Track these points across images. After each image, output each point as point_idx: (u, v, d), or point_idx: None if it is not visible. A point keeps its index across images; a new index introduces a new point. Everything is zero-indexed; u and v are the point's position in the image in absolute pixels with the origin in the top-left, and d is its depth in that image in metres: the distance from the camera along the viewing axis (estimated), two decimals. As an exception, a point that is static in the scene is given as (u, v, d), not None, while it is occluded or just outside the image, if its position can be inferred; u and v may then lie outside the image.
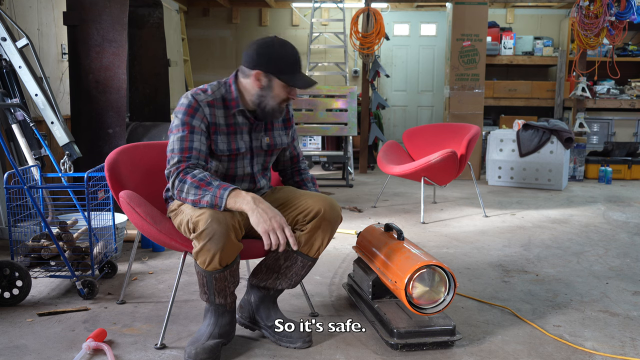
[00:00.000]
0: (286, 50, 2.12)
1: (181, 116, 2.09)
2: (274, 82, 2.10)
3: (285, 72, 2.10)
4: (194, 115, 2.09)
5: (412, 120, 8.63)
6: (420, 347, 2.19)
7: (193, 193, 1.98)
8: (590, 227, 4.25)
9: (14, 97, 3.64)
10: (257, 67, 2.10)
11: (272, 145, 2.28)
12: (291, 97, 2.16)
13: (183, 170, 2.02)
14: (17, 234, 2.91)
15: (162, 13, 5.27)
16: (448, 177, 4.51)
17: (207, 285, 2.06)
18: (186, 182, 2.00)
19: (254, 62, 2.10)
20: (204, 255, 1.97)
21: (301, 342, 2.20)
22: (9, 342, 2.23)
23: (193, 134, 2.07)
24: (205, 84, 2.20)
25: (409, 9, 8.35)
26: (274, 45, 2.10)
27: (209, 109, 2.11)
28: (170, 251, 3.50)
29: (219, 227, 1.93)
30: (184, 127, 2.07)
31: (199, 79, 8.40)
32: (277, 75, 2.09)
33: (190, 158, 2.05)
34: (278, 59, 2.09)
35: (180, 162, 2.04)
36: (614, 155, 6.61)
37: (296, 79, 2.12)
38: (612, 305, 2.70)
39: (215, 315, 2.14)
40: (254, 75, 2.11)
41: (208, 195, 1.96)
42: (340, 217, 2.22)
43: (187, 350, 2.06)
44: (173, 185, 2.03)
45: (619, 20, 6.20)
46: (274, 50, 2.09)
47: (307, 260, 2.21)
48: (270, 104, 2.14)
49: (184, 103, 2.11)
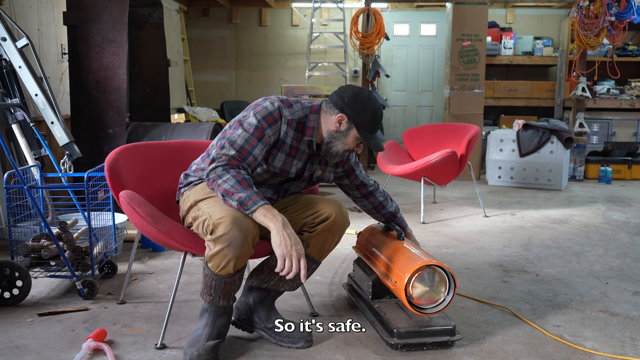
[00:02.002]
0: (375, 109, 2.16)
1: (260, 118, 2.08)
2: (352, 131, 2.15)
3: (366, 127, 2.15)
4: (271, 125, 2.09)
5: (412, 120, 8.64)
6: (420, 347, 2.19)
7: (231, 185, 1.95)
8: (590, 227, 4.25)
9: (14, 97, 3.64)
10: (344, 112, 2.13)
11: (321, 178, 2.32)
12: (357, 150, 2.22)
13: (233, 165, 2.01)
14: (17, 234, 2.91)
15: (162, 13, 5.27)
16: (448, 177, 4.51)
17: (215, 288, 2.06)
18: (229, 173, 1.97)
19: (344, 106, 2.13)
20: (219, 260, 1.97)
21: (303, 342, 2.20)
22: (9, 342, 2.23)
23: (260, 142, 2.06)
24: (290, 97, 2.24)
25: (409, 9, 8.35)
26: (368, 100, 2.15)
27: (286, 127, 2.13)
28: (170, 251, 3.50)
29: (240, 234, 1.93)
30: (257, 131, 2.06)
31: (199, 79, 8.40)
32: (357, 127, 2.14)
33: (246, 160, 2.04)
34: (366, 113, 2.13)
35: (235, 158, 2.02)
36: (614, 155, 6.61)
37: (371, 138, 2.17)
38: (612, 305, 2.70)
39: (214, 316, 2.14)
40: (338, 117, 2.14)
41: (244, 194, 1.94)
42: (348, 223, 2.25)
43: (189, 352, 2.05)
44: (215, 169, 2.00)
45: (619, 20, 6.20)
46: (366, 104, 2.13)
47: (312, 263, 2.22)
48: (338, 148, 2.17)
49: (268, 108, 2.11)
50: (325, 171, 2.32)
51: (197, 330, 2.14)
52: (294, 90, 6.07)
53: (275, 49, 8.41)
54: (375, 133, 2.19)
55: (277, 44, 8.44)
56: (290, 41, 8.43)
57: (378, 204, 2.50)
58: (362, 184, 2.46)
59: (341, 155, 2.20)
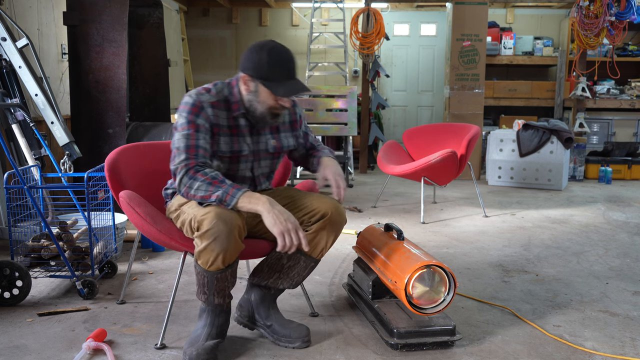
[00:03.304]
0: (277, 55, 2.06)
1: (185, 114, 2.08)
2: (260, 87, 2.08)
3: (271, 79, 2.05)
4: (199, 114, 2.07)
5: (412, 120, 8.63)
6: (420, 347, 2.19)
7: (204, 189, 1.96)
8: (590, 227, 4.25)
9: (14, 97, 3.64)
10: (244, 71, 2.08)
11: (278, 147, 2.26)
12: (281, 105, 2.11)
13: (193, 168, 2.00)
14: (17, 234, 2.91)
15: (162, 13, 5.27)
16: (448, 177, 4.51)
17: (208, 285, 2.06)
18: (197, 179, 1.98)
19: (243, 65, 2.09)
20: (207, 255, 1.97)
21: (300, 342, 2.20)
22: (9, 342, 2.23)
23: (198, 132, 2.06)
24: (210, 83, 2.18)
25: (409, 9, 8.35)
26: (265, 49, 2.05)
27: (211, 110, 2.10)
28: (170, 251, 3.50)
29: (225, 227, 1.92)
30: (189, 126, 2.06)
31: (199, 79, 8.40)
32: (261, 82, 2.06)
33: (198, 156, 2.03)
34: (266, 64, 2.04)
35: (189, 160, 2.02)
36: (614, 155, 6.61)
37: (281, 86, 2.06)
38: (612, 305, 2.70)
39: (212, 315, 2.14)
40: (242, 78, 2.10)
41: (220, 191, 1.95)
42: (345, 220, 2.23)
43: (188, 352, 2.05)
44: (181, 181, 2.01)
45: (619, 20, 6.20)
46: (263, 54, 2.04)
47: (310, 261, 2.22)
48: (259, 110, 2.11)
49: (188, 102, 2.09)
50: (280, 138, 2.27)
51: (196, 331, 2.14)
52: (294, 90, 6.05)
53: (275, 49, 8.41)
54: (286, 80, 2.07)
55: (277, 44, 8.44)
56: (290, 41, 8.42)
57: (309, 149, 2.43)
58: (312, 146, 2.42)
59: (269, 115, 2.13)
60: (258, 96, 2.09)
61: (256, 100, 2.10)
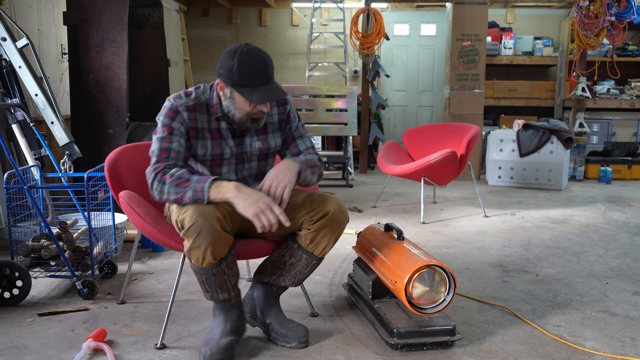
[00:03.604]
0: (249, 60, 2.00)
1: (162, 119, 2.09)
2: (235, 93, 2.05)
3: (244, 84, 2.01)
4: (174, 117, 2.08)
5: (412, 120, 8.63)
6: (420, 347, 2.19)
7: (174, 192, 1.97)
8: (590, 227, 4.25)
9: (14, 97, 3.64)
10: (219, 77, 2.06)
11: (264, 149, 2.23)
12: (258, 110, 2.07)
13: (161, 171, 2.01)
14: (17, 234, 2.91)
15: (162, 13, 5.27)
16: (448, 177, 4.51)
17: (207, 282, 2.06)
18: (165, 183, 1.99)
19: (217, 71, 2.07)
20: (196, 252, 1.97)
21: (297, 342, 2.20)
22: (9, 342, 2.23)
23: (172, 136, 2.06)
24: (196, 85, 2.18)
25: (409, 9, 8.35)
26: (237, 54, 2.01)
27: (187, 114, 2.09)
28: (170, 251, 3.50)
29: (205, 221, 1.92)
30: (164, 129, 2.07)
31: (199, 79, 8.40)
32: (235, 88, 2.03)
33: (168, 159, 2.04)
34: (237, 70, 2.00)
35: (158, 163, 2.03)
36: (614, 155, 6.61)
37: (254, 92, 2.01)
38: (612, 305, 2.70)
39: (223, 312, 2.14)
40: (217, 85, 2.09)
41: (189, 191, 1.96)
42: (347, 219, 2.22)
43: (202, 352, 2.05)
44: (152, 186, 2.03)
45: (619, 20, 6.20)
46: (235, 60, 2.00)
47: (312, 259, 2.21)
48: (237, 116, 2.09)
49: (166, 106, 2.10)
50: (267, 139, 2.23)
51: (211, 330, 2.15)
52: (294, 90, 6.07)
53: (275, 49, 8.41)
54: (260, 85, 2.02)
55: (277, 44, 8.44)
56: (290, 41, 8.42)
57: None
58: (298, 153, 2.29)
59: (248, 121, 2.09)
60: (234, 103, 2.07)
61: (233, 107, 2.08)
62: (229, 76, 2.02)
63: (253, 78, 2.01)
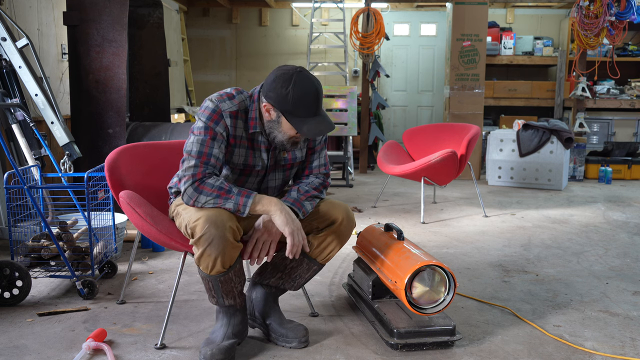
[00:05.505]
0: (303, 89, 1.96)
1: (205, 119, 2.02)
2: (282, 119, 2.01)
3: (295, 114, 1.98)
4: (218, 122, 2.02)
5: (412, 120, 8.63)
6: (420, 347, 2.19)
7: (212, 202, 1.94)
8: (590, 227, 4.25)
9: (14, 97, 3.64)
10: (268, 99, 2.01)
11: (290, 159, 2.21)
12: (300, 139, 2.07)
13: (199, 180, 1.96)
14: (17, 234, 2.91)
15: (162, 13, 5.27)
16: (448, 177, 4.51)
17: (214, 289, 2.06)
18: (202, 192, 1.95)
19: (266, 92, 2.01)
20: (206, 261, 1.97)
21: (297, 342, 2.20)
22: (9, 342, 2.23)
23: (214, 141, 2.01)
24: (233, 88, 2.11)
25: (409, 9, 8.35)
26: (292, 81, 1.96)
27: (230, 120, 2.04)
28: (170, 251, 3.50)
29: (217, 231, 1.91)
30: (207, 132, 2.00)
31: (199, 79, 8.40)
32: (285, 115, 1.99)
33: (208, 165, 1.99)
34: (291, 99, 1.96)
35: (197, 168, 1.97)
36: (614, 155, 6.61)
37: (305, 124, 1.98)
38: (612, 305, 2.70)
39: (227, 316, 2.14)
40: (264, 106, 2.03)
41: (230, 203, 1.94)
42: (354, 226, 2.24)
43: (203, 352, 2.06)
44: (185, 192, 1.97)
45: (619, 20, 6.20)
46: (286, 89, 1.96)
47: (313, 264, 2.22)
48: (279, 138, 2.06)
49: (209, 107, 2.03)
50: (294, 151, 2.19)
51: (213, 332, 2.15)
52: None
53: (275, 49, 8.41)
54: (309, 117, 1.99)
55: (277, 44, 8.44)
56: (290, 41, 8.42)
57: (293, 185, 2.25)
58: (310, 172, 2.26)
59: (288, 144, 2.07)
60: (280, 126, 2.03)
61: (277, 130, 2.04)
62: (280, 102, 1.98)
63: (305, 110, 1.98)
